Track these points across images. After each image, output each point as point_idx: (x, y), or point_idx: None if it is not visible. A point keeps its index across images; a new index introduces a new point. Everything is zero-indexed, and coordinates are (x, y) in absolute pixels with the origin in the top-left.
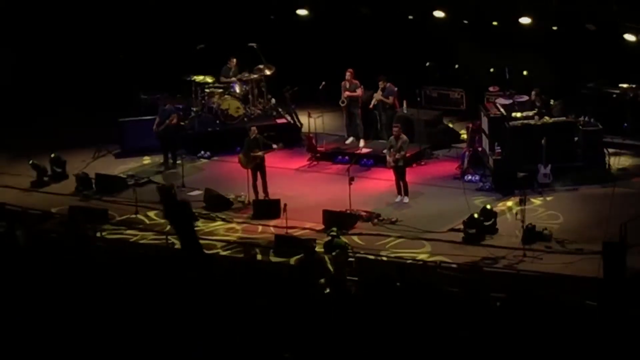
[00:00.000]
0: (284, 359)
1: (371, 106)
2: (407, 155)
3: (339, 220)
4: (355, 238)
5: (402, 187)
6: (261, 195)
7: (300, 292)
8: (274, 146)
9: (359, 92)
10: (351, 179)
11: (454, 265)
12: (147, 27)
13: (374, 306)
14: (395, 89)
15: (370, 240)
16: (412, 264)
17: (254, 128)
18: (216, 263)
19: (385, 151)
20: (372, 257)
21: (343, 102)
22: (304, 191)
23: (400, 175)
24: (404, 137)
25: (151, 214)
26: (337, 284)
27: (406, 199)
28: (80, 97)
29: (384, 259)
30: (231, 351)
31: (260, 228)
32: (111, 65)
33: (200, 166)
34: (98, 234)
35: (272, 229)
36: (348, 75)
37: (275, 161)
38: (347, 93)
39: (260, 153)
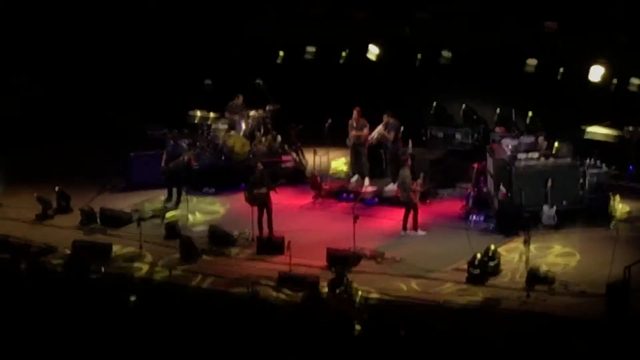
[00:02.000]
0: None
1: (370, 140)
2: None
3: (342, 259)
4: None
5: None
6: (266, 232)
7: (302, 329)
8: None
9: (365, 131)
10: (355, 217)
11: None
12: (155, 63)
13: (375, 346)
14: (399, 124)
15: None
16: (416, 304)
17: (259, 165)
18: (218, 299)
19: (390, 187)
20: (382, 296)
21: (350, 140)
22: (308, 229)
23: (416, 208)
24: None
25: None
26: (340, 322)
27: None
28: (88, 131)
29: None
30: None
31: None
32: (120, 99)
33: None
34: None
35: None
36: (355, 114)
37: (280, 198)
38: (354, 132)
39: (263, 190)
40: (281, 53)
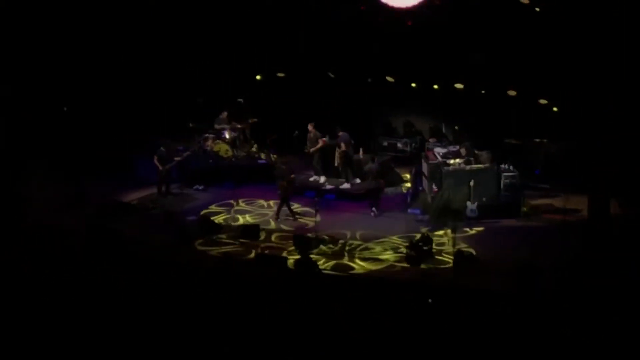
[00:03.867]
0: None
1: (313, 150)
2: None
3: (306, 243)
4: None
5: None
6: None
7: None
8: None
9: (320, 142)
10: (316, 210)
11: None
12: (160, 86)
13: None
14: (348, 136)
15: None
16: (363, 279)
17: (283, 165)
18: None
19: (344, 186)
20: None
21: (309, 151)
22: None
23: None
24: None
25: None
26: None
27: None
28: (106, 140)
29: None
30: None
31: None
32: (132, 114)
33: (196, 196)
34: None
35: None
36: (310, 127)
37: (255, 194)
38: (312, 147)
39: (293, 176)
40: (258, 77)
